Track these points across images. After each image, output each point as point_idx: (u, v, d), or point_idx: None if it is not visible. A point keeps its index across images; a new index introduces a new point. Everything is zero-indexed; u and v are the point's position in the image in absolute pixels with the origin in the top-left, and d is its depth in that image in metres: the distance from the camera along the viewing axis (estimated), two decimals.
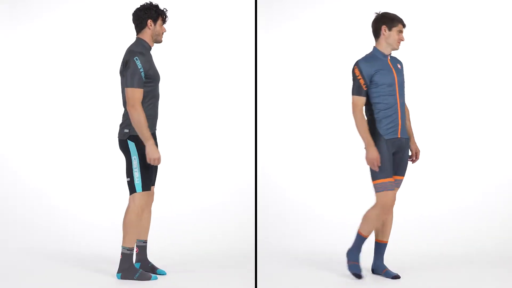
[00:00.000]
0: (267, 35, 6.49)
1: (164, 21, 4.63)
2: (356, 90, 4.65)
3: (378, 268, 4.82)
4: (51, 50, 6.31)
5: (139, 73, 4.43)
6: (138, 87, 4.43)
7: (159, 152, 4.49)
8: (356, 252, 4.77)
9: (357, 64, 4.65)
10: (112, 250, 5.11)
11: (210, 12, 6.41)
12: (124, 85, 4.48)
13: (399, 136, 4.67)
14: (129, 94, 4.42)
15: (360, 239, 4.76)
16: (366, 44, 5.50)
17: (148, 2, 4.62)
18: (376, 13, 4.75)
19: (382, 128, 4.64)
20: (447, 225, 5.92)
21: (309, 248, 5.56)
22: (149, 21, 4.58)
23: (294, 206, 6.26)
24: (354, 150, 6.30)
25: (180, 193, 6.20)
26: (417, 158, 4.85)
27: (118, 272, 4.60)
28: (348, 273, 4.77)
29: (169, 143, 5.17)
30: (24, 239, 5.70)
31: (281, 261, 5.22)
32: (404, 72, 4.79)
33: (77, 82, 6.30)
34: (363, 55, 4.75)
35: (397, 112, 4.65)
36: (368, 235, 4.73)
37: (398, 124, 4.65)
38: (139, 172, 4.52)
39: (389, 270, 4.77)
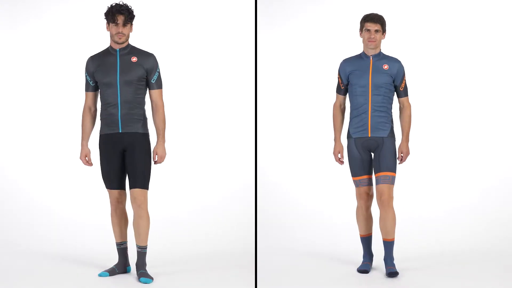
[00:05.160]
0: (267, 35, 6.49)
1: (114, 22, 4.57)
2: (336, 88, 4.93)
3: (385, 264, 4.83)
4: (51, 50, 6.30)
5: (85, 77, 4.73)
6: (85, 90, 4.76)
7: (80, 153, 4.77)
8: (364, 252, 4.95)
9: (340, 63, 4.87)
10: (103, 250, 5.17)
11: (210, 12, 6.41)
12: None
13: (369, 136, 4.75)
14: None
15: (361, 240, 4.96)
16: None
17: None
18: None
19: (351, 127, 4.84)
20: (446, 225, 5.93)
21: (309, 248, 5.57)
22: (106, 25, 4.64)
23: (294, 206, 6.27)
24: None
25: (180, 193, 6.20)
26: (402, 160, 4.85)
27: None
28: (348, 272, 4.82)
29: (169, 143, 5.17)
30: (19, 241, 5.71)
31: (281, 261, 5.22)
32: (404, 72, 4.80)
33: (77, 82, 6.29)
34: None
35: (367, 112, 4.73)
36: (360, 233, 4.94)
37: (367, 124, 4.74)
38: None
39: (391, 269, 4.76)
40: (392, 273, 4.70)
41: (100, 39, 5.91)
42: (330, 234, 5.82)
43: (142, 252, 4.66)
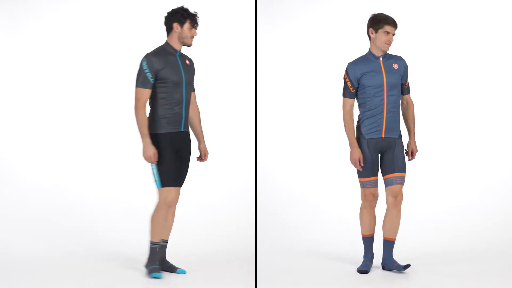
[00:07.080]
0: (267, 35, 6.49)
1: (193, 25, 4.70)
2: (344, 92, 4.80)
3: (388, 264, 4.84)
4: (51, 50, 6.30)
5: (143, 74, 4.58)
6: (140, 87, 4.60)
7: (150, 151, 4.57)
8: (365, 252, 4.92)
9: (346, 67, 4.77)
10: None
11: (210, 12, 6.40)
12: None
13: (383, 136, 4.74)
14: (135, 93, 4.62)
15: (363, 240, 4.93)
16: (366, 43, 5.49)
17: (179, 6, 4.71)
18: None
19: (364, 128, 4.76)
20: (446, 225, 5.94)
21: (309, 248, 5.57)
22: (175, 24, 4.69)
23: (294, 206, 6.27)
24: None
25: (180, 193, 6.18)
26: (412, 157, 4.87)
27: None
28: (348, 272, 4.82)
29: None
30: (19, 241, 5.71)
31: (281, 261, 5.22)
32: (409, 70, 4.82)
33: (78, 82, 6.30)
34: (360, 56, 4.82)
35: (382, 113, 4.71)
36: (363, 233, 4.91)
37: (382, 124, 4.72)
38: (156, 168, 4.64)
39: (399, 264, 4.78)
40: (406, 265, 4.73)
41: (100, 38, 5.95)
42: (330, 234, 5.82)
43: (165, 246, 4.86)
